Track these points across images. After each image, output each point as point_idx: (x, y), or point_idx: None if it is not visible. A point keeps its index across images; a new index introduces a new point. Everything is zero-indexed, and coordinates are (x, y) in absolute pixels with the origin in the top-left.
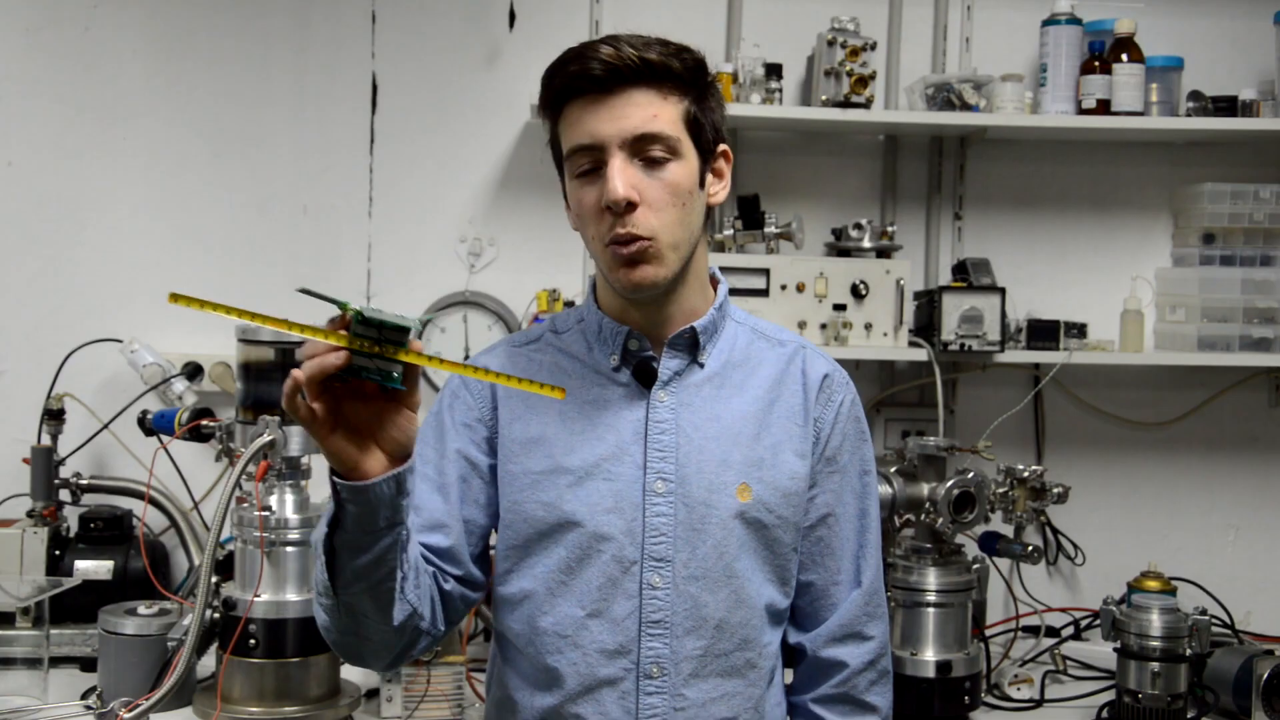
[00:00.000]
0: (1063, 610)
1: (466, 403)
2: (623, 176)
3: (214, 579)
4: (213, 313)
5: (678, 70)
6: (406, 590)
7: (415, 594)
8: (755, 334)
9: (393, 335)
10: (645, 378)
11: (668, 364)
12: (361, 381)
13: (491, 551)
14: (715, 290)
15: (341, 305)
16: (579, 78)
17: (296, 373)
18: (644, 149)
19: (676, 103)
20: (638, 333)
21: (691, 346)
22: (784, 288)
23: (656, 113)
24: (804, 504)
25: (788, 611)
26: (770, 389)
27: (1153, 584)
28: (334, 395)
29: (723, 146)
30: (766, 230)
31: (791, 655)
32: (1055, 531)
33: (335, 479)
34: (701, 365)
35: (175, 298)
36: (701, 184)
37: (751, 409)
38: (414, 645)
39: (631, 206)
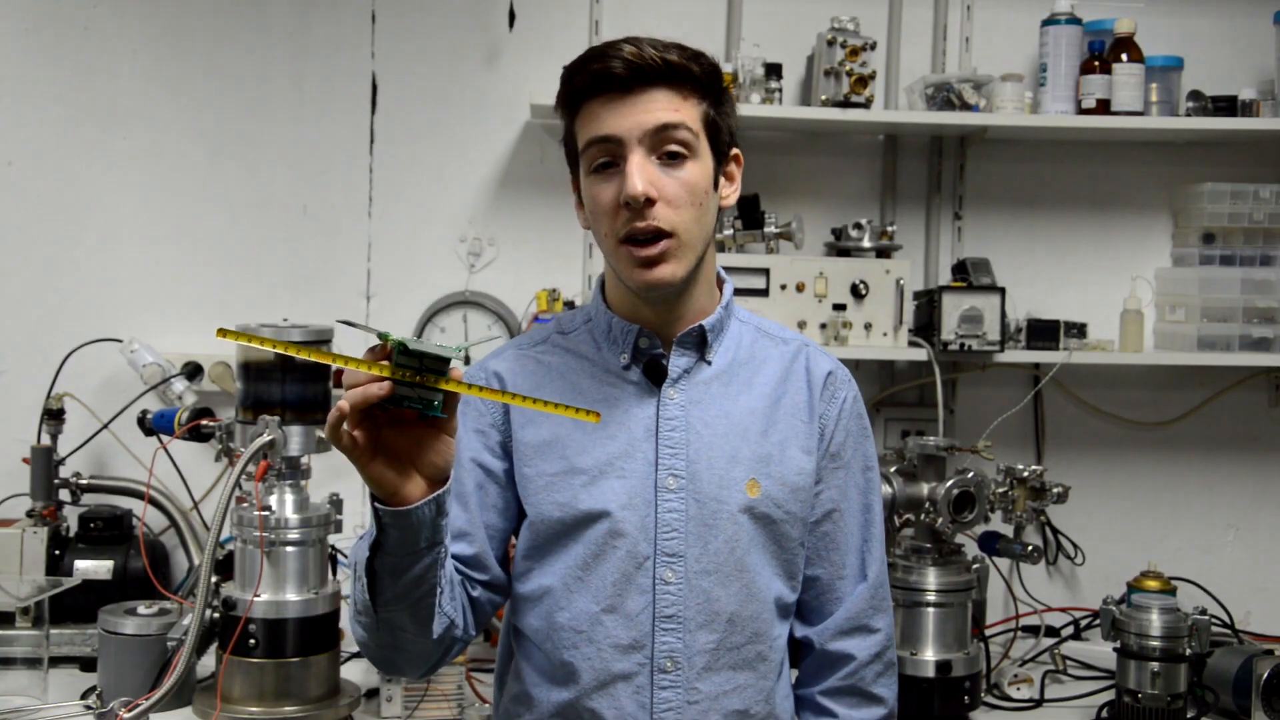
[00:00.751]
0: (1062, 610)
1: (478, 409)
2: (642, 173)
3: (214, 579)
4: (259, 346)
5: (697, 74)
6: (444, 603)
7: (452, 605)
8: (759, 332)
9: (433, 365)
10: (655, 375)
11: (677, 362)
12: (402, 410)
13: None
14: (721, 290)
15: (382, 336)
16: (601, 76)
17: (342, 403)
18: (663, 144)
19: (695, 105)
20: (648, 331)
21: (700, 344)
22: (784, 287)
23: (677, 108)
24: (810, 499)
25: (795, 606)
26: (776, 386)
27: (1152, 584)
28: (375, 424)
29: (735, 150)
30: (766, 230)
31: (797, 649)
32: (1055, 531)
33: (377, 505)
34: (709, 363)
35: (223, 333)
36: (715, 186)
37: (759, 405)
38: (449, 652)
39: (650, 202)
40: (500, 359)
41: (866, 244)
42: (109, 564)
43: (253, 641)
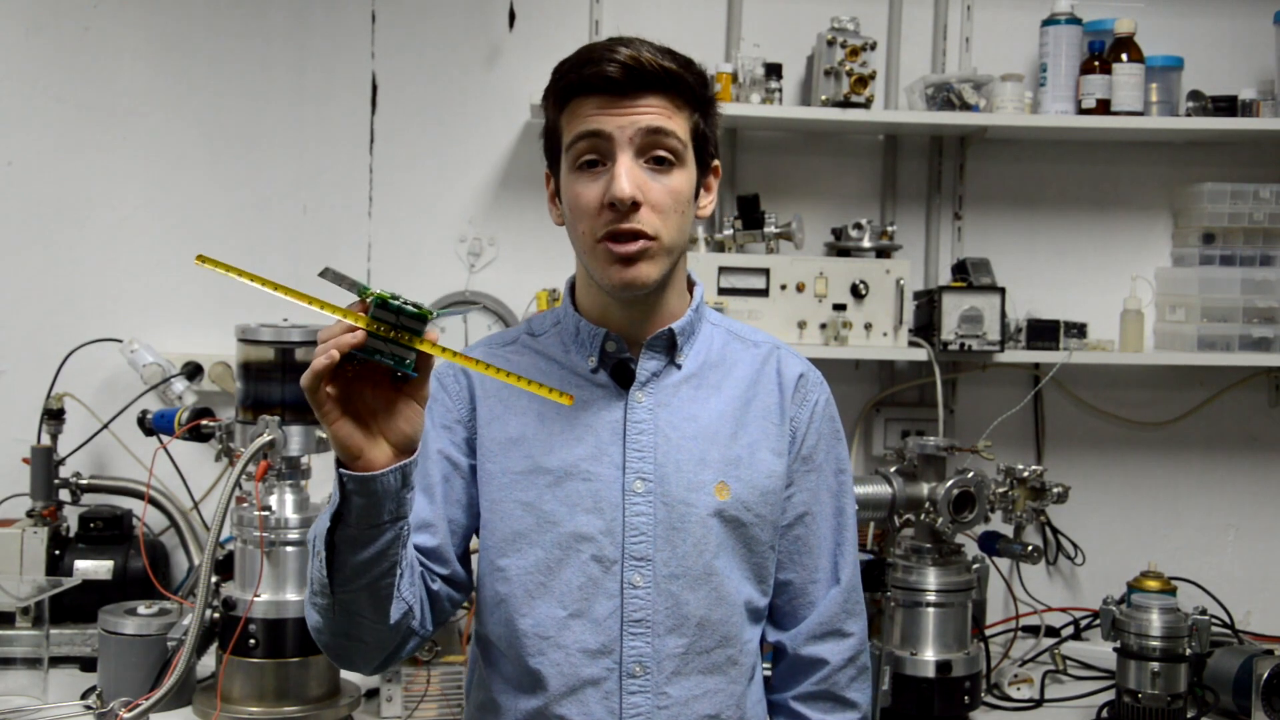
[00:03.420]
0: (1063, 610)
1: (445, 404)
2: (630, 175)
3: (214, 579)
4: (238, 278)
5: (690, 83)
6: (403, 588)
7: (410, 591)
8: (730, 335)
9: (410, 323)
10: (623, 379)
11: (645, 365)
12: (374, 365)
13: (473, 553)
14: (691, 293)
15: (362, 289)
16: (596, 77)
17: (318, 359)
18: (652, 148)
19: (686, 115)
20: (615, 334)
21: (669, 347)
22: (784, 288)
23: (670, 115)
24: (781, 502)
25: (766, 610)
26: (746, 389)
27: (1152, 584)
28: (345, 378)
29: (715, 162)
30: (766, 230)
31: (771, 654)
32: (1055, 531)
33: (341, 470)
34: (679, 366)
35: (202, 259)
36: (695, 196)
37: (728, 409)
38: (404, 646)
39: (635, 206)
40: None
41: (866, 244)
42: (109, 564)
43: (253, 641)
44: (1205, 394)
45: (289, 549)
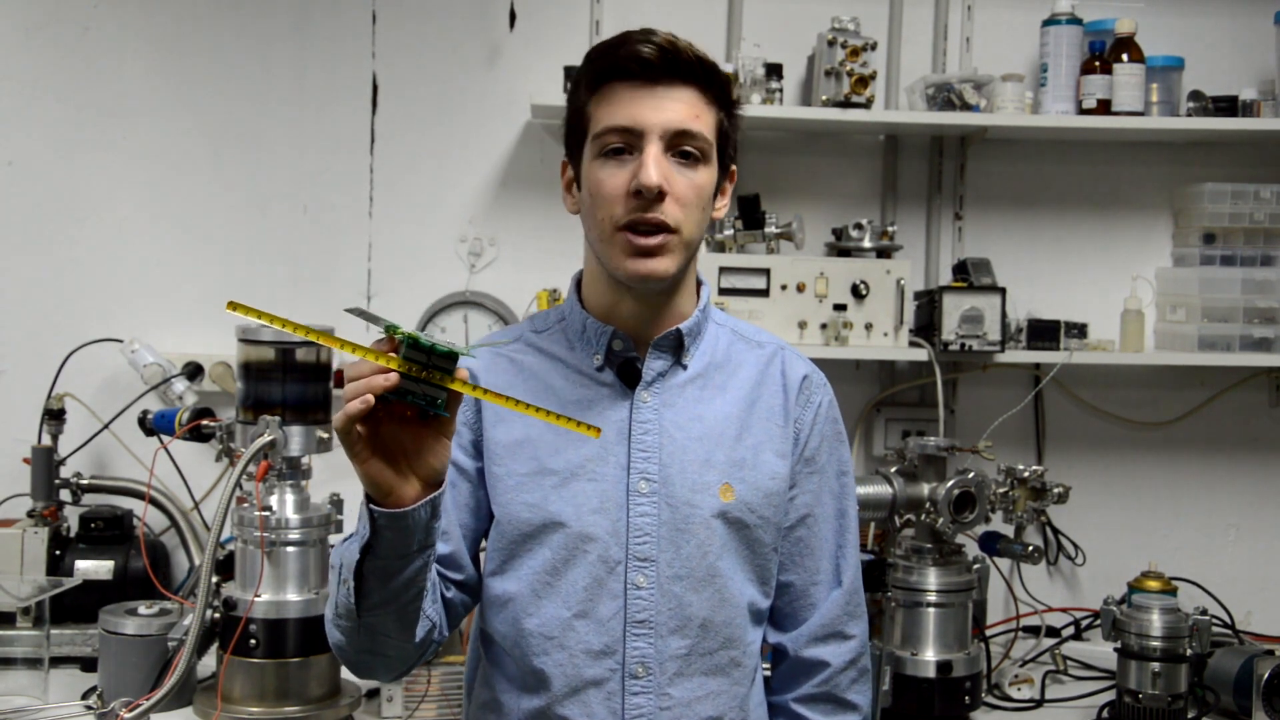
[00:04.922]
0: (1063, 610)
1: None
2: (659, 165)
3: (214, 579)
4: (269, 324)
5: (720, 80)
6: (426, 606)
7: (434, 609)
8: (735, 335)
9: (441, 362)
10: (629, 378)
11: (652, 364)
12: (403, 405)
13: (481, 553)
14: (698, 293)
15: (390, 328)
16: (633, 60)
17: (352, 403)
18: (681, 144)
19: (714, 112)
20: (622, 333)
21: (676, 348)
22: (784, 288)
23: (699, 113)
24: (784, 504)
25: (768, 611)
26: (751, 390)
27: (1153, 584)
28: (375, 417)
29: (733, 166)
30: (767, 230)
31: (771, 656)
32: (1055, 531)
33: (372, 506)
34: (684, 366)
35: (234, 306)
36: (714, 196)
37: (733, 410)
38: (424, 654)
39: (661, 196)
40: (473, 360)
41: (867, 244)
42: (109, 564)
43: (253, 642)
44: (1206, 394)
45: (289, 549)
